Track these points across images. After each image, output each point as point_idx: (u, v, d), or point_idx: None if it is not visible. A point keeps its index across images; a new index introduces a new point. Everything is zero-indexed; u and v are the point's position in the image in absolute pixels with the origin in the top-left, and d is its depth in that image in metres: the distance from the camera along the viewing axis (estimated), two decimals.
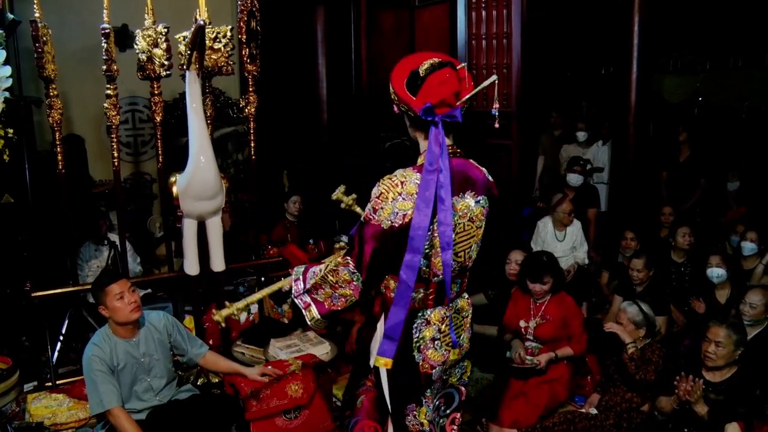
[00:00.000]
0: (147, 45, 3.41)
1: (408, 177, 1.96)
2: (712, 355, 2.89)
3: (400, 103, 1.98)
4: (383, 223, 1.93)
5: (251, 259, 4.14)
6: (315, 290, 2.08)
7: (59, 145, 3.40)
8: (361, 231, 1.97)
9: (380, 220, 1.94)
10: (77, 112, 5.54)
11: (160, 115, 3.61)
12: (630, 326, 3.29)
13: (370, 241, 1.95)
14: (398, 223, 1.93)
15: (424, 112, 1.92)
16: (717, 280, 3.89)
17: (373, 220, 1.95)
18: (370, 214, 1.96)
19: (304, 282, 2.13)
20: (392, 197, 1.93)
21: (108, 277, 2.83)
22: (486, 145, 5.00)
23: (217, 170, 3.39)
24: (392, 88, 1.98)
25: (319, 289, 2.07)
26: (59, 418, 3.23)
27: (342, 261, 2.01)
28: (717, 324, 2.96)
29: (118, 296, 2.71)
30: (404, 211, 1.93)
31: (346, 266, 1.99)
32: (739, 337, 2.89)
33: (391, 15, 5.84)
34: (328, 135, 5.89)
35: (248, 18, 3.66)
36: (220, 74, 3.68)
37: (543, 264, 3.53)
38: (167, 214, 3.74)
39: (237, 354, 3.59)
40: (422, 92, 1.93)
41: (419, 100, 1.93)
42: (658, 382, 3.17)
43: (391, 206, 1.93)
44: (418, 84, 1.94)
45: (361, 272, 1.97)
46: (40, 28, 3.17)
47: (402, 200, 1.93)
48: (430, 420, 2.21)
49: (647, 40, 4.82)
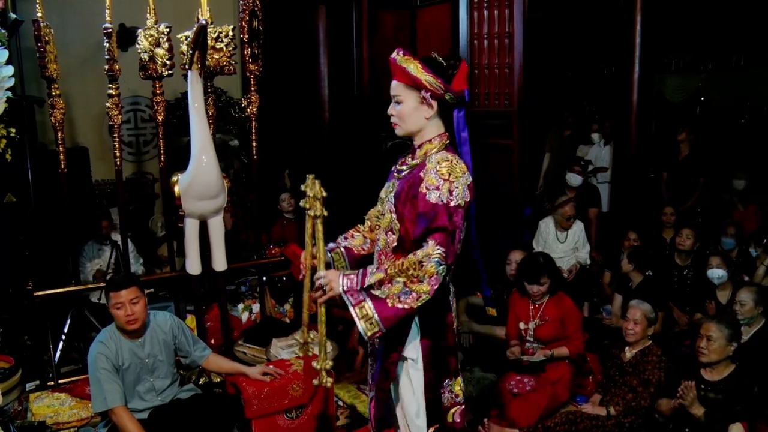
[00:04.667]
0: (149, 45, 3.41)
1: (454, 157, 2.10)
2: (704, 350, 2.92)
3: (441, 88, 2.08)
4: (461, 203, 2.01)
5: (253, 259, 4.15)
6: (378, 286, 1.96)
7: (61, 145, 3.41)
8: (451, 217, 1.98)
9: (462, 198, 2.01)
10: (79, 111, 5.54)
11: (162, 114, 3.62)
12: (644, 323, 3.27)
13: (461, 225, 2.01)
14: (468, 197, 2.04)
15: (467, 96, 2.14)
16: (718, 281, 3.89)
17: (453, 201, 2.00)
18: (450, 197, 2.00)
19: (363, 278, 1.99)
20: (460, 173, 2.04)
21: (118, 282, 2.78)
22: (487, 144, 5.00)
23: (219, 170, 3.40)
24: (426, 76, 2.07)
25: (385, 284, 1.96)
26: (61, 417, 3.24)
27: (429, 251, 1.94)
28: (708, 319, 3.03)
29: (118, 305, 2.71)
30: (469, 186, 2.05)
31: (435, 257, 1.93)
32: (731, 332, 2.91)
33: (393, 15, 5.83)
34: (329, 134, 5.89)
35: (250, 18, 3.67)
36: (222, 74, 3.69)
37: (539, 265, 3.53)
38: (169, 213, 3.74)
39: (239, 353, 3.60)
40: (457, 80, 2.11)
41: (455, 86, 2.11)
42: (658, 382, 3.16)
43: (463, 182, 2.03)
44: (450, 73, 2.11)
45: (451, 262, 1.98)
46: (42, 27, 3.18)
47: (465, 177, 2.05)
48: (463, 389, 2.27)
49: (649, 39, 4.82)
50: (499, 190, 4.99)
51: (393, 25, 5.84)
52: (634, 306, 3.35)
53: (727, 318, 3.12)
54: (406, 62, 2.09)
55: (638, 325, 3.27)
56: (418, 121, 2.15)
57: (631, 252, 4.27)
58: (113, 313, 2.74)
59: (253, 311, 4.23)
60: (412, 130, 2.17)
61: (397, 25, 5.86)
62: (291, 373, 3.10)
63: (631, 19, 4.80)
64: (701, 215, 5.51)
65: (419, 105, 2.12)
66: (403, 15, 5.86)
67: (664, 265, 4.56)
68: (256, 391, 2.97)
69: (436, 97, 2.10)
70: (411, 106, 2.13)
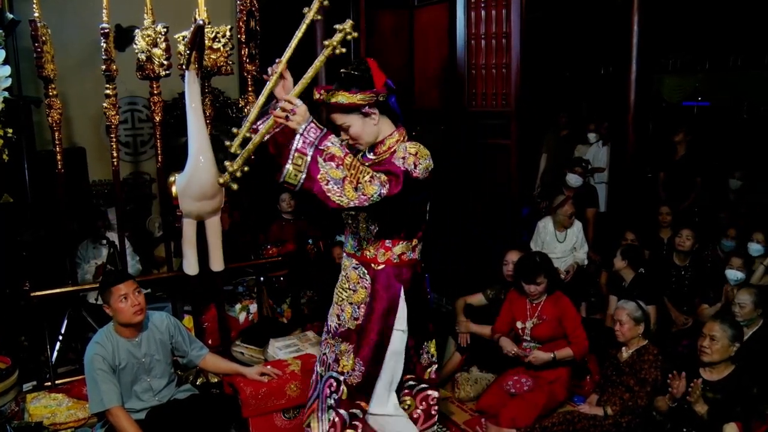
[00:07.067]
0: (146, 45, 3.41)
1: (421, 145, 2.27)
2: (706, 350, 2.92)
3: (372, 96, 2.23)
4: (420, 176, 2.19)
5: (250, 259, 4.14)
6: (328, 158, 2.06)
7: (58, 145, 3.40)
8: (408, 178, 2.15)
9: (423, 174, 2.20)
10: (76, 111, 5.53)
11: (160, 114, 3.61)
12: (630, 323, 3.28)
13: (412, 193, 2.19)
14: (426, 177, 2.22)
15: (391, 84, 2.28)
16: (734, 282, 3.90)
17: (415, 172, 2.17)
18: (414, 168, 2.17)
19: (323, 138, 2.08)
20: (425, 155, 2.22)
21: (114, 277, 2.83)
22: (484, 144, 5.01)
23: (217, 170, 3.39)
24: (356, 96, 2.23)
25: (334, 160, 2.06)
26: (58, 417, 3.23)
27: (381, 178, 2.10)
28: (712, 319, 3.03)
29: (123, 297, 2.72)
30: (429, 169, 2.24)
31: (379, 184, 2.09)
32: (734, 333, 2.92)
33: (390, 15, 5.83)
34: None
35: (247, 18, 3.66)
36: (219, 74, 3.69)
37: (536, 264, 3.54)
38: (166, 213, 3.74)
39: (236, 354, 3.60)
40: (376, 78, 2.25)
41: (378, 85, 2.25)
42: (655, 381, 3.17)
43: (427, 163, 2.22)
44: (366, 77, 2.25)
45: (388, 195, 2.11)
46: (39, 27, 3.17)
47: (428, 160, 2.24)
48: (435, 349, 2.66)
49: (646, 39, 4.83)
50: (496, 190, 4.99)
51: (390, 25, 5.84)
52: (619, 307, 3.38)
53: (730, 318, 3.12)
54: (333, 97, 2.25)
55: (624, 326, 3.29)
56: (371, 131, 2.32)
57: (624, 249, 4.29)
58: (117, 308, 2.73)
59: (251, 311, 4.22)
60: (371, 141, 2.35)
61: (395, 26, 5.86)
62: (288, 374, 3.11)
63: (628, 19, 4.82)
64: (698, 215, 5.52)
65: (364, 119, 2.29)
66: (400, 15, 5.85)
67: (660, 264, 4.57)
68: (254, 391, 2.97)
69: (372, 104, 2.26)
70: (358, 125, 2.29)
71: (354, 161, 2.09)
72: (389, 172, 2.15)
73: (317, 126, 2.10)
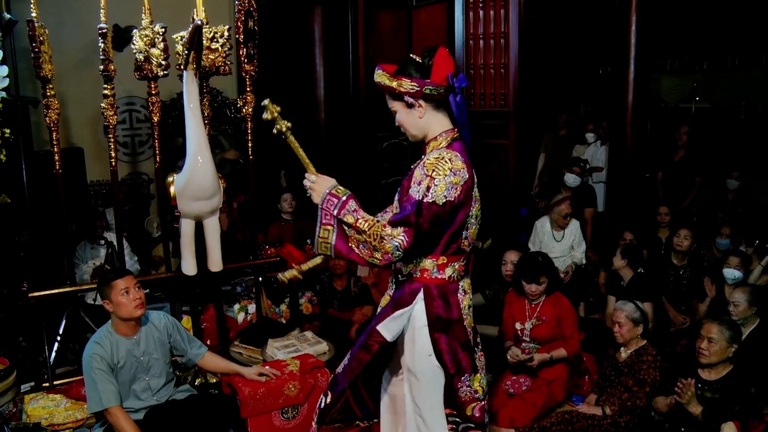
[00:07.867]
0: (144, 45, 3.40)
1: (451, 154, 2.08)
2: (705, 351, 2.92)
3: (416, 86, 2.08)
4: (438, 200, 2.02)
5: (249, 259, 4.14)
6: (348, 227, 2.05)
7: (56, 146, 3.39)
8: (419, 211, 2.02)
9: (441, 197, 2.02)
10: (74, 112, 5.53)
11: (158, 115, 3.61)
12: (629, 324, 3.29)
13: (431, 220, 2.03)
14: (453, 197, 2.04)
15: (450, 80, 2.08)
16: (732, 281, 3.91)
17: (428, 198, 2.02)
18: (427, 193, 2.02)
19: (341, 208, 2.07)
20: (444, 172, 2.03)
21: (114, 272, 2.84)
22: (483, 144, 5.01)
23: (215, 170, 3.39)
24: (396, 81, 2.10)
25: (353, 226, 2.05)
26: (56, 418, 3.22)
27: (393, 233, 2.00)
28: (710, 320, 3.03)
29: (124, 291, 2.72)
30: (456, 185, 2.05)
31: (397, 241, 2.00)
32: (732, 334, 2.92)
33: (389, 15, 5.84)
34: (325, 135, 5.89)
35: (246, 18, 3.66)
36: (217, 74, 3.68)
37: (538, 264, 3.54)
38: (165, 214, 3.74)
39: (235, 354, 3.60)
40: (436, 69, 2.09)
41: (436, 76, 2.09)
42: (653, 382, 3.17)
43: (448, 180, 2.03)
44: (427, 65, 2.10)
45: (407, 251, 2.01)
46: (37, 27, 3.16)
47: (453, 176, 2.04)
48: (483, 386, 2.31)
49: (644, 40, 4.84)
50: (495, 190, 5.00)
51: (389, 25, 5.85)
52: (618, 308, 3.38)
53: (728, 319, 3.12)
54: (379, 77, 2.15)
55: (623, 327, 3.29)
56: (416, 124, 2.19)
57: (624, 248, 4.29)
58: (119, 302, 2.72)
59: (249, 312, 4.22)
60: (417, 135, 2.22)
61: (393, 26, 5.87)
62: (287, 374, 3.10)
63: (626, 19, 4.82)
64: (697, 215, 5.53)
65: (408, 110, 2.17)
66: (399, 15, 5.87)
67: (658, 264, 4.57)
68: (252, 391, 2.97)
69: (417, 96, 2.12)
70: (402, 113, 2.19)
71: (366, 224, 2.03)
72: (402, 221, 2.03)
73: (334, 195, 2.09)
